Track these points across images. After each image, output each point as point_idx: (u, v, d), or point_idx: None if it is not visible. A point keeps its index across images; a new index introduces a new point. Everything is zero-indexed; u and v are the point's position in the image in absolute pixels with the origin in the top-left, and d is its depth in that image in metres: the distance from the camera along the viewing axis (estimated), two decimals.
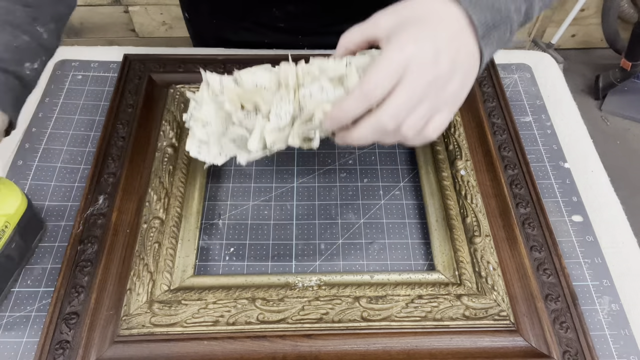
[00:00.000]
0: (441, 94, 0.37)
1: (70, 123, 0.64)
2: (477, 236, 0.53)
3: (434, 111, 0.38)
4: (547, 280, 0.50)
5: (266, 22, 0.74)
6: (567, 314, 0.48)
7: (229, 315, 0.47)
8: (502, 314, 0.48)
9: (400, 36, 0.36)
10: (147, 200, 0.54)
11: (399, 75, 0.36)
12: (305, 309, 0.48)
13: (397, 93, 0.36)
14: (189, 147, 0.46)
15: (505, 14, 0.39)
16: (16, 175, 0.59)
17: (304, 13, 0.72)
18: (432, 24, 0.37)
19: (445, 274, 0.52)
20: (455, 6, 0.38)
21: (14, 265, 0.50)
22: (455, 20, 0.38)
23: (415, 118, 0.37)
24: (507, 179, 0.58)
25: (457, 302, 0.49)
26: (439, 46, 0.36)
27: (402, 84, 0.36)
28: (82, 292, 0.48)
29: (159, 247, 0.51)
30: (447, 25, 0.37)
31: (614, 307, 0.51)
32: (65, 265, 0.49)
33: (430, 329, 0.47)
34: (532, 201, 0.56)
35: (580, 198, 0.60)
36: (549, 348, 0.46)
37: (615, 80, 1.84)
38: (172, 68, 0.67)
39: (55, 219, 0.56)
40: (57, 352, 0.45)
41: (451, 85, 0.38)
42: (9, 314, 0.49)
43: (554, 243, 0.53)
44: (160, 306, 0.48)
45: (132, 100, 0.63)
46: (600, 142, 0.69)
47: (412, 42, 0.36)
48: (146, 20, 1.82)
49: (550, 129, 0.67)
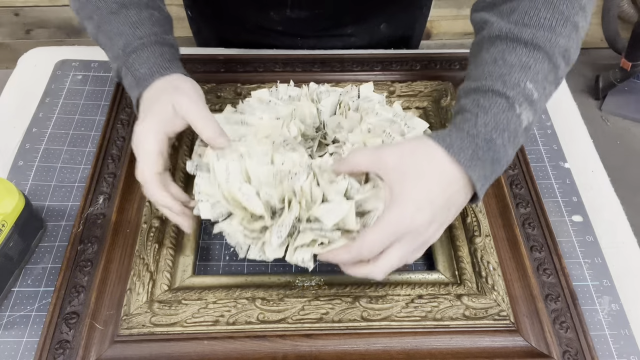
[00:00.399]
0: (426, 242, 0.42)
1: (70, 123, 0.64)
2: (477, 236, 0.53)
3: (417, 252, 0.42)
4: (547, 280, 0.50)
5: (265, 25, 0.75)
6: (567, 314, 0.48)
7: (229, 315, 0.47)
8: (502, 313, 0.48)
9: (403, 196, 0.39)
10: (147, 200, 0.54)
11: (395, 239, 0.39)
12: (305, 308, 0.48)
13: (390, 253, 0.40)
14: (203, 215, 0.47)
15: (503, 162, 0.42)
16: (17, 175, 0.59)
17: (300, 18, 0.73)
18: (432, 184, 0.39)
19: (445, 274, 0.52)
20: (456, 166, 0.40)
21: (13, 265, 0.50)
22: (454, 181, 0.40)
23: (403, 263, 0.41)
24: (507, 179, 0.58)
25: (457, 302, 0.49)
26: (435, 213, 0.39)
27: (395, 248, 0.40)
28: (82, 292, 0.48)
29: (159, 247, 0.51)
30: (446, 186, 0.40)
31: (614, 307, 0.51)
32: (65, 265, 0.49)
33: (430, 329, 0.47)
34: (532, 201, 0.56)
35: (580, 198, 0.60)
36: (549, 348, 0.46)
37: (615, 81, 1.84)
38: None
39: (56, 218, 0.56)
40: (57, 352, 0.45)
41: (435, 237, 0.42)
42: (9, 313, 0.49)
43: (554, 243, 0.53)
44: (160, 306, 0.48)
45: None
46: (600, 142, 0.69)
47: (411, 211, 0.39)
48: None
49: (550, 129, 0.67)
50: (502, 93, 0.41)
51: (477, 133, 0.40)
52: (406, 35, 0.83)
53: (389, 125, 0.50)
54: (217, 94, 0.65)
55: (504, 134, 0.41)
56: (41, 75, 0.69)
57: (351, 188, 0.44)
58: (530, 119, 0.42)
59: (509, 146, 0.41)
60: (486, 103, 0.41)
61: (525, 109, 0.41)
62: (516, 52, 0.43)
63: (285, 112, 0.53)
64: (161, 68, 0.50)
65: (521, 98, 0.41)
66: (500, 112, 0.41)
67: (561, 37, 0.43)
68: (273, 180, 0.45)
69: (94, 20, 0.52)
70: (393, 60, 0.70)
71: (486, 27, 0.46)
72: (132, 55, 0.50)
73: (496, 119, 0.41)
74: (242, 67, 0.68)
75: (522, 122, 0.42)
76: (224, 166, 0.46)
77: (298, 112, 0.54)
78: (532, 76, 0.42)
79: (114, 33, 0.51)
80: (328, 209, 0.42)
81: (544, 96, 0.43)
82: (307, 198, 0.44)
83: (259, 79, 0.67)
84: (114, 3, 0.51)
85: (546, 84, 0.43)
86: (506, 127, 0.41)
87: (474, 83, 0.44)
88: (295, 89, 0.57)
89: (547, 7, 0.43)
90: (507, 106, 0.41)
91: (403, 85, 0.67)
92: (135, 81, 0.50)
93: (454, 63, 0.70)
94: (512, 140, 0.41)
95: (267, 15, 0.74)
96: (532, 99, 0.42)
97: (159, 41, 0.51)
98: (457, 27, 1.90)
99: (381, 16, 0.76)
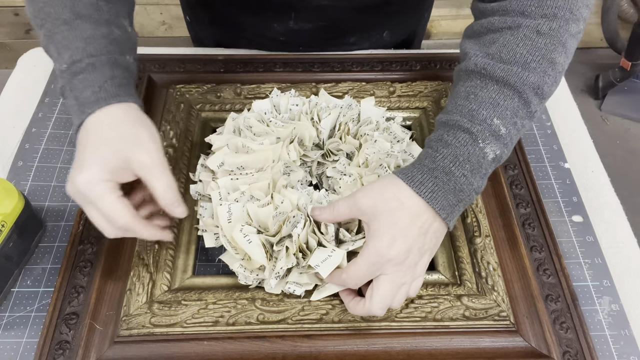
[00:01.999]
0: (414, 272, 0.44)
1: (70, 123, 0.64)
2: (477, 236, 0.53)
3: (411, 283, 0.45)
4: (547, 280, 0.50)
5: (267, 35, 0.75)
6: (567, 314, 0.48)
7: (229, 315, 0.47)
8: (502, 314, 0.48)
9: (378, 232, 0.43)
10: None
11: (375, 269, 0.43)
12: (305, 309, 0.48)
13: (379, 286, 0.43)
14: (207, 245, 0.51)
15: (468, 190, 0.44)
16: (16, 175, 0.59)
17: (304, 29, 0.73)
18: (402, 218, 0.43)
19: (445, 274, 0.52)
20: (419, 200, 0.43)
21: (13, 265, 0.50)
22: (421, 212, 0.43)
23: (399, 298, 0.44)
24: (507, 179, 0.58)
25: (457, 302, 0.49)
26: (409, 244, 0.42)
27: (382, 279, 0.43)
28: (82, 292, 0.48)
29: (159, 247, 0.51)
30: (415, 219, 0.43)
31: (614, 307, 0.51)
32: (65, 265, 0.49)
33: (430, 330, 0.47)
34: (532, 201, 0.56)
35: (581, 198, 0.60)
36: (549, 348, 0.46)
37: (615, 80, 1.84)
38: (172, 68, 0.67)
39: (55, 219, 0.56)
40: (57, 353, 0.45)
41: (421, 264, 0.44)
42: (9, 314, 0.49)
43: (554, 243, 0.53)
44: (160, 306, 0.48)
45: None
46: (600, 142, 0.69)
47: (386, 242, 0.42)
48: (146, 20, 1.82)
49: (550, 129, 0.67)
50: (466, 129, 0.44)
51: (436, 167, 0.43)
52: (408, 39, 0.83)
53: (386, 157, 0.53)
54: (217, 94, 0.65)
55: (465, 166, 0.43)
56: (41, 75, 0.69)
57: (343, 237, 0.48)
58: (497, 152, 0.44)
59: (471, 177, 0.43)
60: (449, 138, 0.44)
61: (490, 143, 0.44)
62: (487, 89, 0.45)
63: (285, 134, 0.55)
64: (109, 95, 0.44)
65: (487, 133, 0.43)
66: (461, 146, 0.43)
67: (534, 74, 0.44)
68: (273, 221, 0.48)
69: (45, 28, 0.46)
70: (393, 60, 0.70)
71: (466, 58, 0.48)
72: (79, 75, 0.44)
73: (455, 152, 0.43)
74: (242, 67, 0.68)
75: (486, 155, 0.44)
76: (226, 208, 0.48)
77: (298, 132, 0.55)
78: (500, 113, 0.44)
79: (63, 45, 0.45)
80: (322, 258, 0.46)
81: (514, 130, 0.45)
82: (303, 248, 0.47)
83: (259, 79, 0.67)
84: (70, 12, 0.45)
85: (517, 119, 0.45)
86: (467, 160, 0.43)
87: (445, 116, 0.46)
88: (297, 100, 0.58)
89: (525, 43, 0.44)
90: (470, 140, 0.43)
91: (403, 85, 0.67)
92: (77, 105, 0.44)
93: (454, 63, 0.70)
94: (475, 172, 0.44)
95: (270, 27, 0.73)
96: (498, 134, 0.44)
97: (112, 62, 0.46)
98: (457, 27, 1.90)
99: (385, 25, 0.76)
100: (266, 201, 0.49)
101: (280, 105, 0.59)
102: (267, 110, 0.58)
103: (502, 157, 0.45)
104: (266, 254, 0.47)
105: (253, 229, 0.48)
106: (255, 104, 0.59)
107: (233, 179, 0.51)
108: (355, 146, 0.56)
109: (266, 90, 0.65)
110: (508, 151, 0.46)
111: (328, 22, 0.72)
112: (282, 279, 0.48)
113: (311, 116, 0.58)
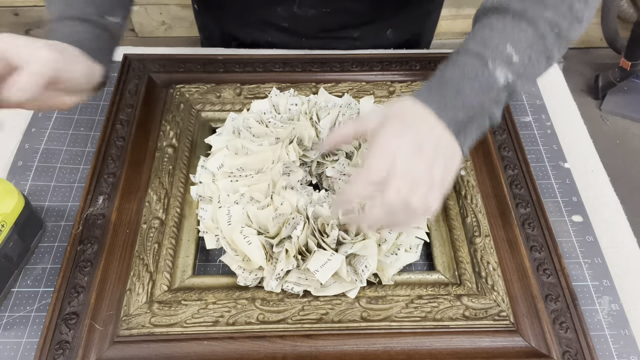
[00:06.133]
0: (431, 175, 0.41)
1: (69, 123, 0.64)
2: (477, 236, 0.53)
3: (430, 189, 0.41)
4: (547, 280, 0.50)
5: (271, 20, 0.75)
6: (567, 314, 0.48)
7: (229, 315, 0.47)
8: (502, 314, 0.48)
9: (386, 131, 0.41)
10: (147, 200, 0.54)
11: (391, 160, 0.40)
12: (305, 309, 0.48)
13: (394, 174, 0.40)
14: (208, 246, 0.51)
15: (479, 108, 0.44)
16: (16, 175, 0.59)
17: (307, 16, 0.73)
18: (412, 120, 0.42)
19: (445, 274, 0.52)
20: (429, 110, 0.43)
21: (12, 265, 0.50)
22: (430, 117, 0.42)
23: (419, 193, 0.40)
24: (507, 179, 0.58)
25: (457, 302, 0.49)
26: (421, 138, 0.41)
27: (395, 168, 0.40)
28: (82, 292, 0.48)
29: (159, 247, 0.51)
30: (424, 121, 0.42)
31: (614, 307, 0.51)
32: (65, 265, 0.49)
33: (430, 329, 0.47)
34: (532, 201, 0.56)
35: (580, 198, 0.60)
36: (548, 348, 0.46)
37: (615, 80, 1.84)
38: (172, 68, 0.67)
39: (55, 219, 0.56)
40: (57, 352, 0.45)
41: (436, 169, 0.41)
42: (8, 314, 0.49)
43: (554, 243, 0.53)
44: (160, 306, 0.48)
45: (132, 100, 0.63)
46: (600, 142, 0.69)
47: (396, 136, 0.41)
48: (146, 20, 1.82)
49: (550, 129, 0.67)
50: (477, 52, 0.44)
51: (444, 84, 0.43)
52: (412, 41, 0.82)
53: None
54: (217, 94, 0.65)
55: (474, 84, 0.43)
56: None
57: (342, 239, 0.48)
58: (510, 79, 0.44)
59: (482, 95, 0.43)
60: (459, 60, 0.44)
61: (501, 67, 0.43)
62: (504, 21, 0.45)
63: (284, 134, 0.55)
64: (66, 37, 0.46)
65: (497, 58, 0.43)
66: (471, 66, 0.43)
67: (550, 11, 0.44)
68: (272, 222, 0.48)
69: None
70: (393, 60, 0.70)
71: None
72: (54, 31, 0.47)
73: (464, 71, 0.43)
74: (242, 67, 0.68)
75: (497, 79, 0.43)
76: (225, 211, 0.48)
77: (297, 132, 0.55)
78: (513, 41, 0.44)
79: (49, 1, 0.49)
80: (321, 262, 0.46)
81: (528, 62, 0.44)
82: (302, 250, 0.48)
83: (259, 79, 0.67)
84: None
85: (531, 53, 0.44)
86: (475, 78, 0.43)
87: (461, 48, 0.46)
88: (296, 99, 0.58)
89: None
90: (479, 63, 0.43)
91: (403, 85, 0.67)
92: None
93: None
94: (485, 92, 0.43)
95: (274, 11, 0.74)
96: (510, 61, 0.44)
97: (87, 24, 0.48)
98: (457, 27, 1.90)
99: (388, 20, 0.76)
100: (266, 203, 0.49)
101: (279, 105, 0.59)
102: (266, 110, 0.58)
103: (515, 87, 0.44)
104: (266, 255, 0.47)
105: (253, 230, 0.48)
106: (254, 104, 0.59)
107: (233, 180, 0.52)
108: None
109: (266, 90, 0.65)
110: (522, 84, 0.45)
111: (332, 8, 0.72)
112: (282, 279, 0.48)
113: (310, 116, 0.58)
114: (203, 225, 0.51)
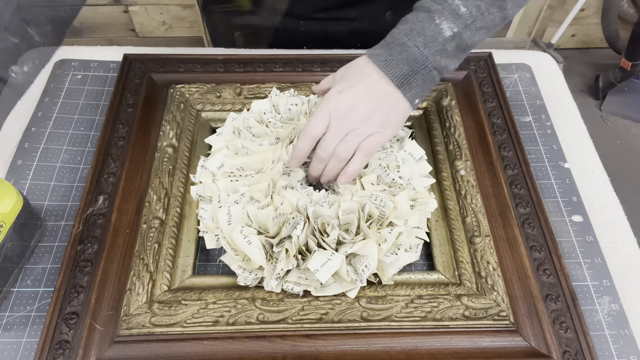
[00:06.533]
0: (365, 127, 0.49)
1: (69, 123, 0.64)
2: (477, 236, 0.53)
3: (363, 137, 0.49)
4: (547, 280, 0.50)
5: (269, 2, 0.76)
6: (567, 314, 0.48)
7: (229, 315, 0.47)
8: (502, 314, 0.48)
9: (330, 92, 0.49)
10: (147, 200, 0.54)
11: (326, 118, 0.49)
12: (305, 309, 0.48)
13: (326, 133, 0.49)
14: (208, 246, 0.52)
15: (422, 61, 0.47)
16: (15, 175, 0.59)
17: None
18: (355, 79, 0.49)
19: (445, 274, 0.52)
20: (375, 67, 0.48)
21: (12, 265, 0.50)
22: (374, 73, 0.48)
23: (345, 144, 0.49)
24: (507, 179, 0.58)
25: (457, 302, 0.49)
26: (356, 96, 0.48)
27: (329, 127, 0.49)
28: (82, 292, 0.48)
29: (159, 247, 0.51)
30: (367, 77, 0.49)
31: (613, 307, 0.51)
32: (65, 265, 0.49)
33: (430, 329, 0.47)
34: (532, 201, 0.56)
35: (580, 198, 0.60)
36: (548, 348, 0.46)
37: (615, 80, 1.84)
38: (172, 68, 0.67)
39: (55, 218, 0.56)
40: (57, 352, 0.45)
41: (374, 120, 0.49)
42: (8, 314, 0.49)
43: (554, 243, 0.53)
44: (160, 306, 0.48)
45: (132, 100, 0.63)
46: (600, 142, 0.69)
47: (336, 95, 0.49)
48: (146, 20, 1.82)
49: (550, 129, 0.67)
50: (427, 8, 0.47)
51: (393, 40, 0.48)
52: None
53: (385, 156, 0.54)
54: (217, 94, 0.65)
55: (418, 38, 0.47)
56: (40, 75, 0.69)
57: (342, 239, 0.48)
58: (455, 30, 0.47)
59: (425, 49, 0.47)
60: (410, 17, 0.48)
61: (447, 19, 0.46)
62: None
63: (284, 134, 0.55)
64: None
65: (445, 11, 0.47)
66: (417, 21, 0.47)
67: None
68: (272, 222, 0.48)
69: None
70: None
71: None
72: None
73: (411, 27, 0.47)
74: (242, 67, 0.68)
75: (442, 30, 0.47)
76: (225, 210, 0.49)
77: (297, 132, 0.55)
78: None
79: None
80: (321, 262, 0.46)
81: (477, 12, 0.47)
82: (302, 249, 0.48)
83: (259, 79, 0.67)
84: None
85: (480, 3, 0.47)
86: (420, 33, 0.47)
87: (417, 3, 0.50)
88: (296, 99, 0.58)
89: None
90: (426, 17, 0.47)
91: None
92: None
93: None
94: (429, 45, 0.47)
95: None
96: (457, 13, 0.46)
97: None
98: None
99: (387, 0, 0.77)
100: (266, 203, 0.49)
101: (279, 105, 0.59)
102: (266, 110, 0.58)
103: (463, 36, 0.47)
104: (266, 254, 0.47)
105: (253, 230, 0.48)
106: (254, 104, 0.59)
107: (233, 180, 0.52)
108: None
109: (266, 90, 0.65)
110: (472, 33, 0.48)
111: None
112: (282, 279, 0.48)
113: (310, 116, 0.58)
114: (203, 225, 0.51)
